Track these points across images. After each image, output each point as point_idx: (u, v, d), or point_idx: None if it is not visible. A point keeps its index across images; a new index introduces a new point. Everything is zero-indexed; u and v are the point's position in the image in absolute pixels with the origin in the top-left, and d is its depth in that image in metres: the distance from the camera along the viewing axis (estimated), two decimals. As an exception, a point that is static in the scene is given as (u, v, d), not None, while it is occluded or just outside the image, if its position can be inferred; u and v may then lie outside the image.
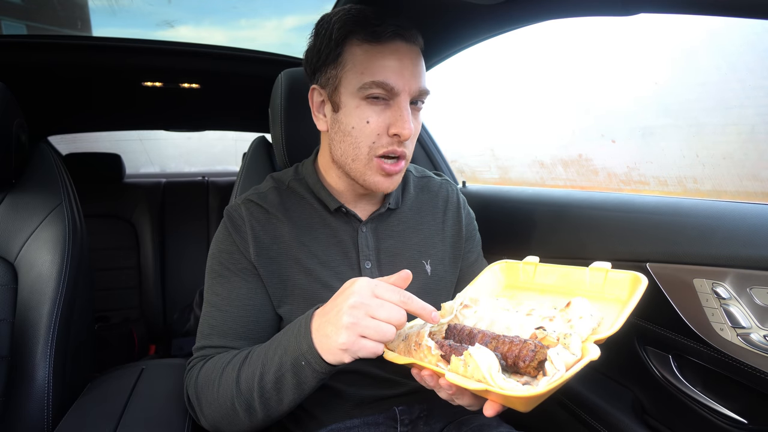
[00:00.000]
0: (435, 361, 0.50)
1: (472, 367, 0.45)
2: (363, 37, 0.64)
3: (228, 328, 0.68)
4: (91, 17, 2.13)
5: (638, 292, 0.56)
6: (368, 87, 0.64)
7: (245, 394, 0.58)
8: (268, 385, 0.57)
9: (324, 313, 0.55)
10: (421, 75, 0.67)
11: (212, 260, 0.72)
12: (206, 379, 0.64)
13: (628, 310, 0.52)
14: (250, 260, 0.70)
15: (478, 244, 0.88)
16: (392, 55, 0.64)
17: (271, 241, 0.71)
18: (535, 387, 0.42)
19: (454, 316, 0.59)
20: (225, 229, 0.72)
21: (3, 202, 0.86)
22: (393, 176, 0.69)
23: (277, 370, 0.56)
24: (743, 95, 0.92)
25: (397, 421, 0.73)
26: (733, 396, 0.66)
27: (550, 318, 0.53)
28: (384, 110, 0.65)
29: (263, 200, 0.74)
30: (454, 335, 0.54)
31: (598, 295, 0.62)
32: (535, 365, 0.45)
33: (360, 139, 0.66)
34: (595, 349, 0.46)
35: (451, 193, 0.85)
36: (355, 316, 0.50)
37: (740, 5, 0.48)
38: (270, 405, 0.58)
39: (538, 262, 0.71)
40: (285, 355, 0.56)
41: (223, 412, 0.61)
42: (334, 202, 0.73)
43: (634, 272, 0.60)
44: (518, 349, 0.47)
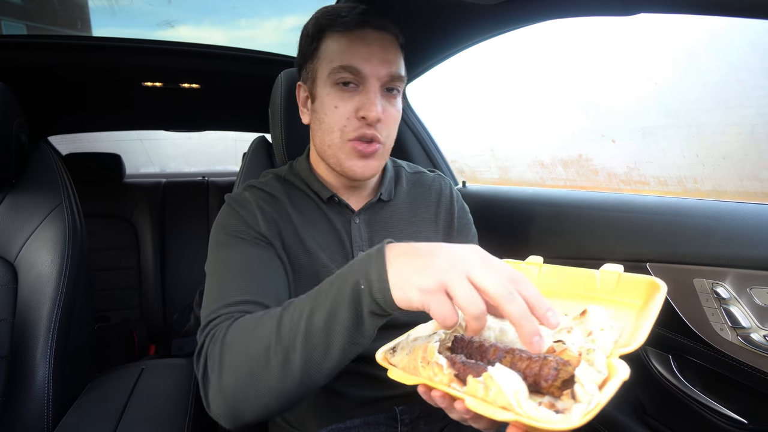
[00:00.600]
0: (447, 381, 0.44)
1: (495, 391, 0.39)
2: (334, 29, 0.68)
3: (245, 283, 0.61)
4: (91, 17, 2.13)
5: (658, 299, 0.51)
6: (336, 72, 0.66)
7: (285, 340, 0.48)
8: (318, 323, 0.47)
9: (414, 247, 0.46)
10: (392, 61, 0.68)
11: (217, 234, 0.68)
12: (237, 332, 0.53)
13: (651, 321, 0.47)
14: (260, 232, 0.68)
15: (474, 239, 0.88)
16: (360, 41, 0.66)
17: (278, 217, 0.71)
18: (570, 418, 0.37)
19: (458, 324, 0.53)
20: (230, 208, 0.70)
21: (3, 202, 0.86)
22: (368, 159, 0.69)
23: (333, 301, 0.47)
24: (743, 95, 0.92)
25: (398, 421, 0.73)
26: (733, 396, 0.66)
27: (567, 329, 0.48)
28: (353, 96, 0.67)
29: (265, 186, 0.75)
30: (462, 348, 0.48)
31: (609, 299, 0.57)
32: (559, 384, 0.40)
33: (331, 124, 0.68)
34: (623, 366, 0.40)
35: (444, 187, 0.86)
36: (453, 264, 0.42)
37: (740, 5, 0.48)
38: (314, 353, 0.48)
39: (542, 262, 0.66)
40: (344, 283, 0.47)
41: (250, 371, 0.50)
42: (327, 192, 0.75)
43: (650, 277, 0.55)
44: (538, 366, 0.41)
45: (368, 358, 0.71)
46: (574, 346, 0.44)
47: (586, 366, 0.40)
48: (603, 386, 0.40)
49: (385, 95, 0.69)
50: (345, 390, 0.72)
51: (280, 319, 0.50)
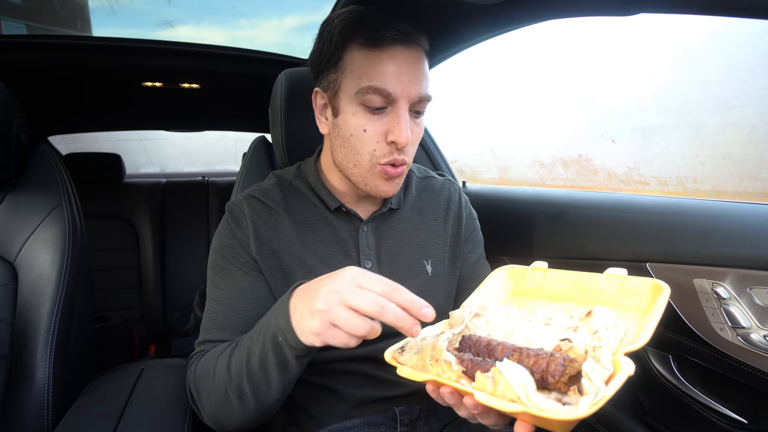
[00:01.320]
0: (456, 378, 0.46)
1: (503, 385, 0.41)
2: (362, 42, 0.63)
3: (229, 321, 0.68)
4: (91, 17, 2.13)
5: (661, 300, 0.52)
6: (365, 92, 0.63)
7: (236, 380, 0.57)
8: (255, 367, 0.56)
9: (304, 291, 0.53)
10: (422, 80, 0.65)
11: (214, 255, 0.72)
12: (203, 370, 0.64)
13: (655, 321, 0.49)
14: (251, 255, 0.70)
15: (480, 245, 0.88)
16: (390, 60, 0.63)
17: (272, 236, 0.71)
18: (578, 408, 0.38)
19: (465, 326, 0.55)
20: (226, 223, 0.73)
21: (3, 202, 0.86)
22: (394, 179, 0.69)
23: (261, 350, 0.55)
24: (743, 95, 0.92)
25: (397, 421, 0.73)
26: (733, 396, 0.66)
27: (573, 328, 0.49)
28: (381, 117, 0.64)
29: (265, 196, 0.74)
30: (470, 347, 0.50)
31: (614, 303, 0.58)
32: (566, 380, 0.41)
33: (359, 147, 0.66)
34: (628, 362, 0.42)
35: (454, 193, 0.85)
36: (328, 302, 0.48)
37: (740, 5, 0.48)
38: (259, 389, 0.57)
39: (546, 267, 0.67)
40: (267, 332, 0.55)
41: (218, 402, 0.61)
42: (335, 202, 0.73)
43: (654, 280, 0.57)
44: (545, 363, 0.42)
45: (368, 358, 0.71)
46: (580, 344, 0.45)
47: (592, 362, 0.41)
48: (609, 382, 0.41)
49: (412, 115, 0.66)
50: (344, 390, 0.72)
51: (230, 361, 0.59)
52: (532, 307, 0.62)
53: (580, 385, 0.40)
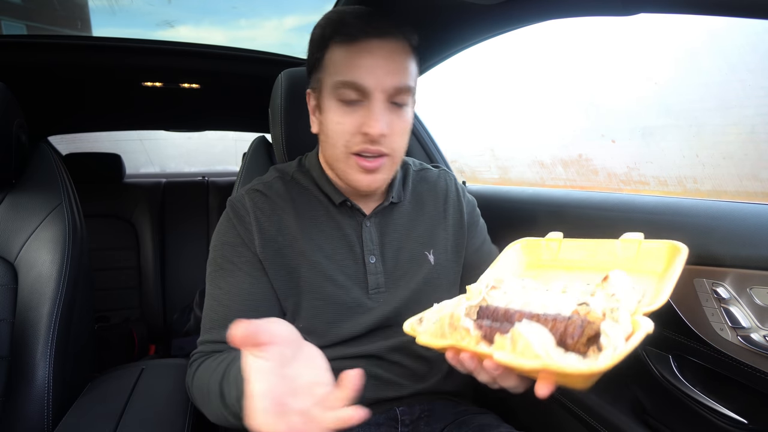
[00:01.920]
0: (475, 343, 0.46)
1: (522, 345, 0.41)
2: (340, 39, 0.65)
3: (229, 322, 0.66)
4: (91, 17, 2.13)
5: (679, 260, 0.52)
6: (339, 87, 0.64)
7: (231, 408, 0.56)
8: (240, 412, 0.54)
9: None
10: (399, 72, 0.64)
11: (215, 252, 0.72)
12: (199, 383, 0.64)
13: (672, 280, 0.48)
14: (254, 253, 0.69)
15: (483, 229, 0.88)
16: (364, 53, 0.63)
17: (276, 232, 0.70)
18: (597, 361, 0.38)
19: (482, 298, 0.54)
20: (228, 220, 0.72)
21: (3, 202, 0.86)
22: (373, 173, 0.68)
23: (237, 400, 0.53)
24: (743, 95, 0.92)
25: (398, 422, 0.73)
26: (733, 396, 0.66)
27: (591, 293, 0.49)
28: (356, 110, 0.65)
29: (268, 189, 0.74)
30: (488, 316, 0.49)
31: (631, 268, 0.58)
32: (585, 341, 0.41)
33: (335, 139, 0.67)
34: (647, 321, 0.42)
35: (450, 182, 0.85)
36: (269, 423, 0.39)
37: (740, 5, 0.48)
38: None
39: (562, 237, 0.67)
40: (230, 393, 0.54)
41: (215, 415, 0.61)
42: (339, 196, 0.73)
43: (670, 241, 0.57)
44: (563, 326, 0.42)
45: (370, 356, 0.71)
46: (598, 307, 0.45)
47: (611, 322, 0.41)
48: (629, 338, 0.40)
49: (392, 107, 0.66)
50: (345, 390, 0.72)
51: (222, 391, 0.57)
52: (548, 279, 0.62)
53: (599, 343, 0.40)
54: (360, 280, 0.73)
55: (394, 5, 0.83)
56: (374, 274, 0.73)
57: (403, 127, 0.68)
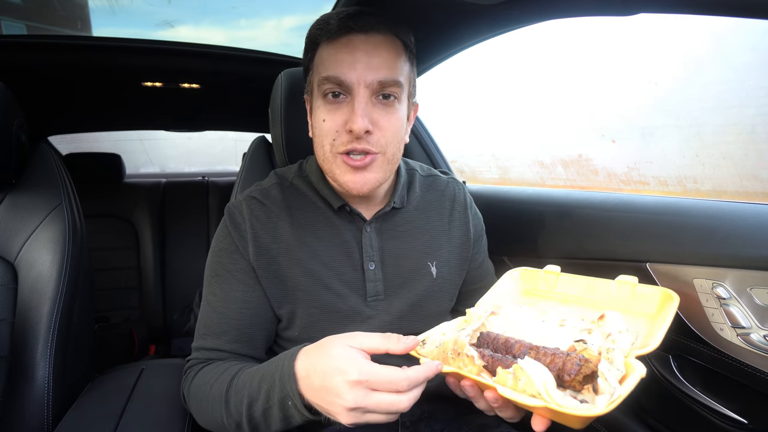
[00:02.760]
0: (477, 372, 0.47)
1: (524, 381, 0.43)
2: (323, 40, 0.66)
3: (222, 330, 0.68)
4: (91, 17, 2.13)
5: (671, 309, 0.55)
6: (322, 83, 0.64)
7: (235, 416, 0.58)
8: (256, 413, 0.56)
9: (315, 372, 0.50)
10: (382, 66, 0.63)
11: (211, 259, 0.72)
12: (197, 392, 0.64)
13: (665, 327, 0.51)
14: (248, 260, 0.69)
15: (485, 245, 0.87)
16: (344, 48, 0.63)
17: (271, 240, 0.70)
18: (595, 406, 0.41)
19: (482, 324, 0.57)
20: (225, 227, 0.72)
21: (3, 202, 0.86)
22: (362, 172, 0.65)
23: (264, 403, 0.54)
24: (743, 95, 0.92)
25: (399, 423, 0.73)
26: (733, 396, 0.66)
27: (587, 330, 0.51)
28: (340, 107, 0.64)
29: (265, 197, 0.73)
30: (488, 344, 0.51)
31: (624, 308, 0.61)
32: (581, 379, 0.43)
33: (321, 138, 0.66)
34: (640, 365, 0.44)
35: (458, 193, 0.83)
36: (356, 398, 0.46)
37: (740, 5, 0.48)
38: (259, 428, 0.57)
39: (559, 271, 0.70)
40: (272, 391, 0.54)
41: (213, 424, 0.62)
42: (338, 200, 0.72)
43: (664, 288, 0.60)
44: (561, 361, 0.44)
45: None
46: (594, 346, 0.47)
47: (606, 363, 0.44)
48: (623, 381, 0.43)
49: (380, 102, 0.64)
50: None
51: (227, 399, 0.58)
52: (544, 308, 0.64)
53: (595, 384, 0.42)
54: (358, 287, 0.72)
55: (393, 5, 0.83)
56: (373, 281, 0.72)
57: (392, 123, 0.65)
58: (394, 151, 0.67)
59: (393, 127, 0.65)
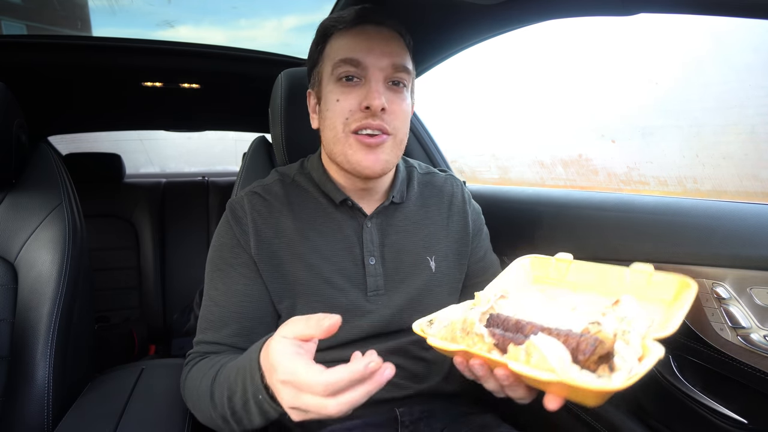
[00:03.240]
0: (488, 350, 0.45)
1: (537, 357, 0.41)
2: (338, 29, 0.69)
3: (223, 323, 0.68)
4: (91, 17, 2.13)
5: (688, 296, 0.53)
6: (338, 66, 0.66)
7: (219, 410, 0.58)
8: (237, 406, 0.55)
9: (265, 369, 0.48)
10: (395, 53, 0.67)
11: (213, 253, 0.73)
12: (190, 385, 0.65)
13: (684, 311, 0.49)
14: (250, 254, 0.69)
15: (486, 238, 0.88)
16: (360, 35, 0.67)
17: (273, 235, 0.71)
18: (611, 381, 0.39)
19: (491, 307, 0.54)
20: (226, 221, 0.73)
21: (3, 202, 0.86)
22: (375, 150, 0.66)
23: (242, 395, 0.54)
24: (743, 95, 0.92)
25: (398, 423, 0.73)
26: (733, 396, 0.66)
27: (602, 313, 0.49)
28: (355, 88, 0.67)
29: (267, 192, 0.74)
30: (498, 324, 0.49)
31: (640, 296, 0.58)
32: (596, 359, 0.41)
33: (334, 118, 0.68)
34: (658, 346, 0.42)
35: (456, 189, 0.85)
36: (289, 395, 0.44)
37: (740, 5, 0.48)
38: (243, 422, 0.57)
39: (572, 259, 0.68)
40: (246, 383, 0.53)
41: (206, 418, 0.62)
42: (340, 195, 0.73)
43: (681, 276, 0.57)
44: (575, 341, 0.42)
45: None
46: (609, 328, 0.45)
47: (623, 343, 0.42)
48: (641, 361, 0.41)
49: (391, 88, 0.68)
50: (345, 390, 0.72)
51: (212, 392, 0.59)
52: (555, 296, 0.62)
53: (611, 362, 0.40)
54: (359, 281, 0.73)
55: (393, 5, 0.83)
56: (373, 276, 0.73)
57: (402, 108, 0.69)
58: (403, 135, 0.71)
59: (403, 112, 0.69)
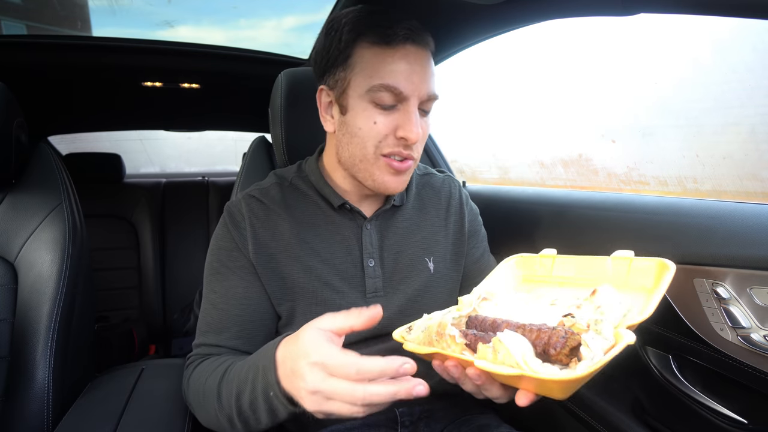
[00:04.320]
0: (460, 351, 0.46)
1: (503, 353, 0.42)
2: (373, 40, 0.63)
3: (223, 326, 0.68)
4: (91, 17, 2.13)
5: (666, 277, 0.54)
6: (377, 90, 0.63)
7: (226, 409, 0.57)
8: (244, 405, 0.55)
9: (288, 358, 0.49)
10: (431, 79, 0.66)
11: (211, 257, 0.72)
12: (195, 385, 0.64)
13: (659, 296, 0.50)
14: (248, 258, 0.69)
15: (484, 240, 0.88)
16: (402, 59, 0.63)
17: (270, 238, 0.71)
18: (574, 370, 0.39)
19: (473, 309, 0.56)
20: (224, 225, 0.72)
21: (3, 202, 0.86)
22: (401, 175, 0.69)
23: (250, 393, 0.54)
24: (743, 95, 0.92)
25: (398, 423, 0.73)
26: (733, 396, 0.66)
27: (577, 306, 0.50)
28: (392, 113, 0.65)
29: (264, 196, 0.74)
30: (476, 326, 0.51)
31: (621, 284, 0.60)
32: (567, 352, 0.42)
33: (367, 139, 0.66)
34: (629, 333, 0.43)
35: (454, 189, 0.85)
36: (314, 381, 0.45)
37: (740, 5, 0.48)
38: (249, 423, 0.56)
39: (555, 254, 0.69)
40: (256, 380, 0.53)
41: (210, 420, 0.61)
42: (339, 199, 0.73)
43: (660, 259, 0.59)
44: (547, 336, 0.43)
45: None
46: (583, 319, 0.46)
47: (593, 333, 0.43)
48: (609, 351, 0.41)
49: (420, 113, 0.67)
50: (346, 391, 0.72)
51: (219, 391, 0.58)
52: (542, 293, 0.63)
53: (579, 354, 0.41)
54: (357, 283, 0.72)
55: (393, 5, 0.83)
56: (372, 278, 0.73)
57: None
58: (420, 154, 0.72)
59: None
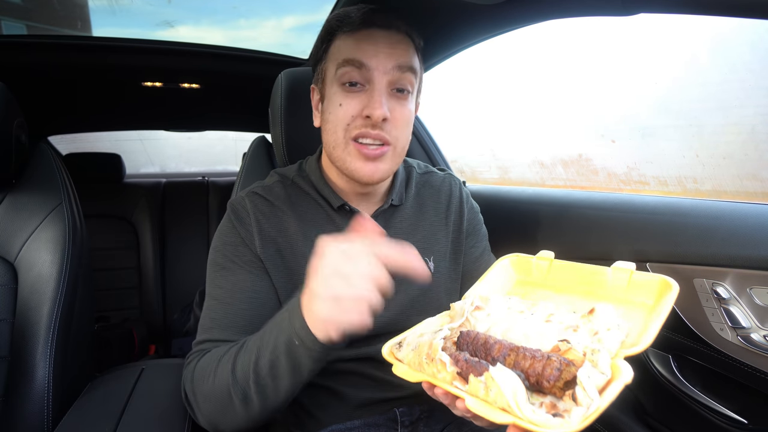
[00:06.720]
0: (450, 379, 0.45)
1: (495, 392, 0.40)
2: (344, 31, 0.67)
3: (230, 321, 0.67)
4: (91, 17, 2.13)
5: (668, 299, 0.50)
6: (341, 66, 0.65)
7: (241, 383, 0.56)
8: (263, 370, 0.54)
9: (314, 292, 0.50)
10: (400, 55, 0.66)
11: (215, 253, 0.71)
12: (202, 372, 0.62)
13: (660, 322, 0.47)
14: (255, 253, 0.69)
15: (484, 238, 0.87)
16: (367, 39, 0.66)
17: (276, 233, 0.71)
18: (569, 422, 0.37)
19: (466, 319, 0.55)
20: (229, 221, 0.72)
21: (3, 202, 0.86)
22: (374, 162, 0.67)
23: (271, 353, 0.53)
24: (743, 95, 0.92)
25: (398, 423, 0.73)
26: (733, 396, 0.66)
27: (573, 328, 0.48)
28: (358, 95, 0.66)
29: (268, 193, 0.74)
30: (467, 344, 0.49)
31: (620, 298, 0.57)
32: (561, 385, 0.41)
33: (336, 123, 0.67)
34: (627, 369, 0.41)
35: (454, 188, 0.85)
36: (330, 285, 0.47)
37: (740, 5, 0.48)
38: (266, 393, 0.55)
39: (553, 257, 0.66)
40: (279, 335, 0.53)
41: (219, 404, 0.59)
42: (338, 200, 0.73)
43: (662, 276, 0.55)
44: (541, 366, 0.42)
45: (369, 358, 0.71)
46: (579, 345, 0.44)
47: (589, 367, 0.40)
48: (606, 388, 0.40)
49: (395, 95, 0.67)
50: (345, 391, 0.72)
51: (234, 364, 0.57)
52: (535, 299, 0.61)
53: (574, 392, 0.39)
54: None
55: (394, 5, 0.83)
56: None
57: (404, 116, 0.68)
58: (404, 144, 0.70)
59: (405, 119, 0.69)
